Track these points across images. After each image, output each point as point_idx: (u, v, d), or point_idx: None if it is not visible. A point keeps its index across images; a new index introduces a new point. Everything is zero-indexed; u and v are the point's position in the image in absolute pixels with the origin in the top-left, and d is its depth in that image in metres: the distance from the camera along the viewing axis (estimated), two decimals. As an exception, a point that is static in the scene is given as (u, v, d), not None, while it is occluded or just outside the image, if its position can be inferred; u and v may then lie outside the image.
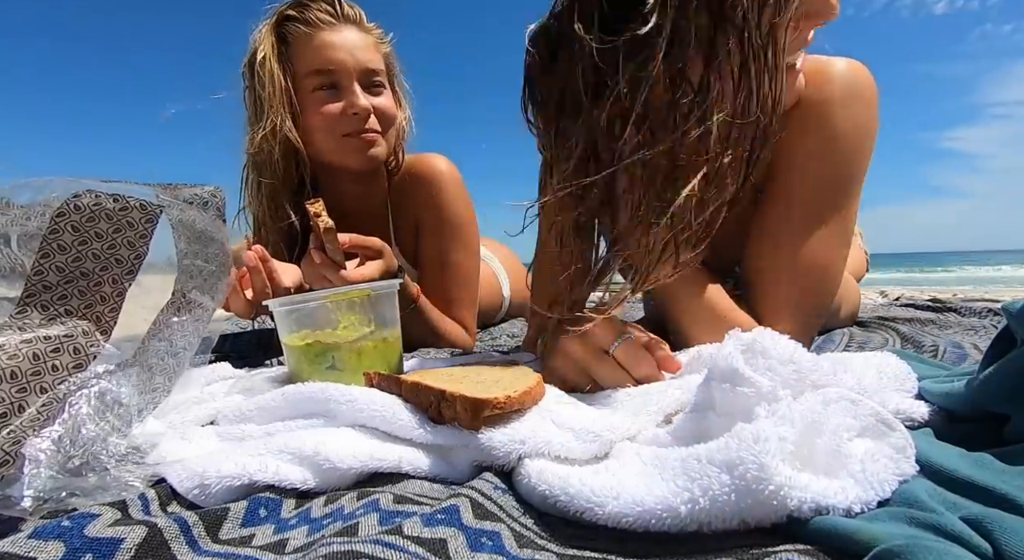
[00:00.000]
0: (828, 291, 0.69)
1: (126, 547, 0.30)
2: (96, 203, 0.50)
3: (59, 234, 0.48)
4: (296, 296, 0.62)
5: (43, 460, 0.38)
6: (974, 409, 0.41)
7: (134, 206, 0.51)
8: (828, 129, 0.67)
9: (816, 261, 0.66)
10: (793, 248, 0.67)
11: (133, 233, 0.51)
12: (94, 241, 0.49)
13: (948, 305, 1.43)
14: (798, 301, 0.67)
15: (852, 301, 1.21)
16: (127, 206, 0.51)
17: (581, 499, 0.33)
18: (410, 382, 0.47)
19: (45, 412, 0.41)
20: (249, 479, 0.38)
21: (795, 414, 0.35)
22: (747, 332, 0.43)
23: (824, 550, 0.29)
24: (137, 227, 0.51)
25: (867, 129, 0.68)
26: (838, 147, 0.67)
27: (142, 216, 0.51)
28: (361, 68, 0.95)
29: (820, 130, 0.67)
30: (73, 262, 0.48)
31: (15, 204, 0.48)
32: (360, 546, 0.28)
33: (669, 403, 0.47)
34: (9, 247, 0.47)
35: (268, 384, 0.61)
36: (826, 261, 0.67)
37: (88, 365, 0.45)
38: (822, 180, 0.67)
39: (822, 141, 0.67)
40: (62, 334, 0.45)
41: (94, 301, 0.49)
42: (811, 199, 0.67)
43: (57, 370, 0.44)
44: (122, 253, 0.50)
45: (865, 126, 0.68)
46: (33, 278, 0.47)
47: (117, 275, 0.50)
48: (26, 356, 0.43)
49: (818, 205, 0.67)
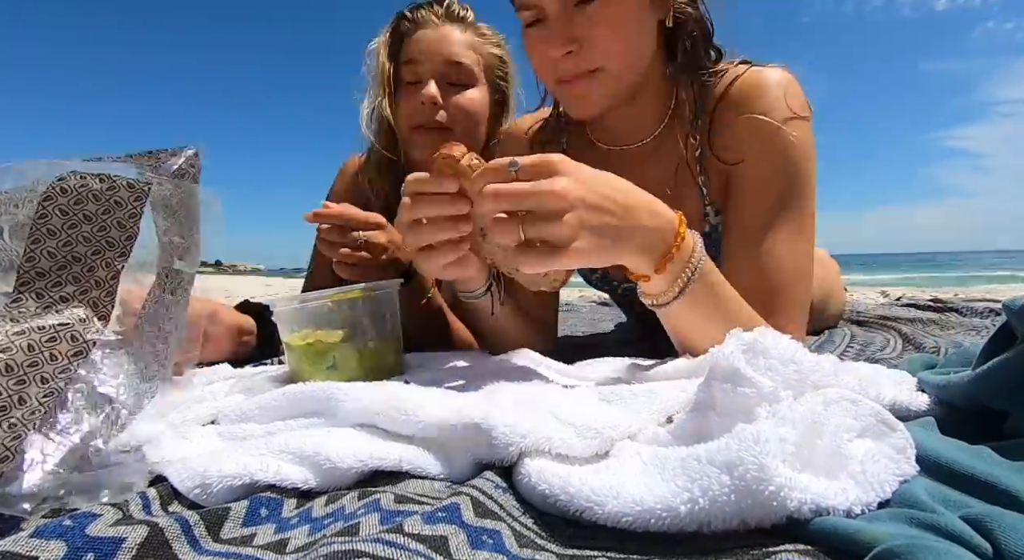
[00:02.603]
0: (803, 287, 0.72)
1: (127, 546, 0.30)
2: (82, 185, 0.48)
3: (48, 218, 0.47)
4: (297, 295, 0.62)
5: (43, 457, 0.38)
6: (972, 403, 0.42)
7: (121, 185, 0.49)
8: (773, 139, 0.71)
9: (784, 262, 0.69)
10: (760, 252, 0.70)
11: (123, 213, 0.49)
12: (84, 224, 0.48)
13: (949, 305, 1.43)
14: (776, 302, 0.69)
15: (837, 301, 1.22)
16: (114, 185, 0.49)
17: (581, 498, 0.33)
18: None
19: (46, 403, 0.40)
20: (250, 479, 0.38)
21: (796, 415, 0.35)
22: (748, 332, 0.43)
23: (824, 551, 0.29)
24: (126, 206, 0.49)
25: (808, 132, 0.72)
26: (787, 155, 0.71)
27: (130, 194, 0.49)
28: (443, 59, 0.98)
29: (765, 140, 0.71)
30: (64, 247, 0.47)
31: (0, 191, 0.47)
32: (361, 545, 0.28)
33: (672, 403, 0.47)
34: (2, 238, 0.46)
35: (269, 383, 0.61)
36: (793, 259, 0.70)
37: (88, 352, 0.45)
38: (775, 186, 0.71)
39: (769, 150, 0.71)
40: (58, 323, 0.44)
41: (89, 286, 0.47)
42: (767, 205, 0.71)
43: (56, 359, 0.43)
44: (113, 235, 0.49)
45: (806, 131, 0.72)
46: (25, 265, 0.46)
47: (110, 258, 0.48)
48: (20, 348, 0.42)
49: (775, 209, 0.71)
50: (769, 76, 0.73)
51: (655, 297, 0.59)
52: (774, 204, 0.71)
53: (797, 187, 0.71)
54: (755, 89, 0.73)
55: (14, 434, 0.39)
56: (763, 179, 0.72)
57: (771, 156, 0.71)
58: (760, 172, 0.72)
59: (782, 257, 0.70)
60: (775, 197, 0.71)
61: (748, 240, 0.71)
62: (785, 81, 0.73)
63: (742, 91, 0.74)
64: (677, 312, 0.59)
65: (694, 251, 0.56)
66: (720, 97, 0.75)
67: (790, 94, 0.72)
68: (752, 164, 0.72)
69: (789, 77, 0.74)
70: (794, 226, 0.70)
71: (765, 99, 0.72)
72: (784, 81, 0.73)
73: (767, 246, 0.70)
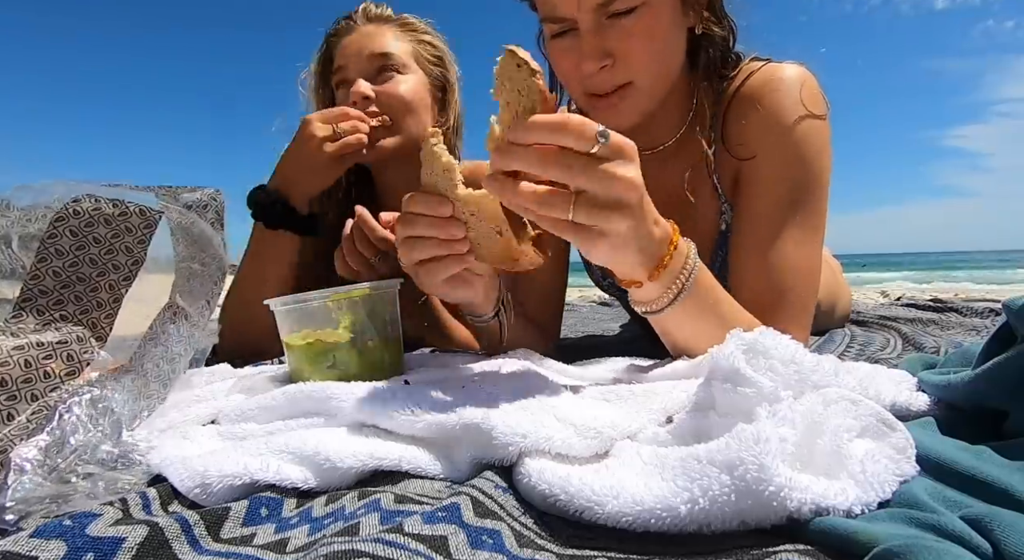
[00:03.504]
0: (809, 289, 0.71)
1: (127, 546, 0.30)
2: (96, 208, 0.49)
3: (57, 239, 0.48)
4: (297, 295, 0.62)
5: (28, 470, 0.38)
6: (972, 403, 0.42)
7: (133, 211, 0.51)
8: (787, 135, 0.70)
9: (790, 262, 0.69)
10: (769, 252, 0.69)
11: (132, 238, 0.50)
12: (92, 246, 0.49)
13: (949, 305, 1.43)
14: (781, 303, 0.68)
15: (845, 302, 1.23)
16: (126, 211, 0.51)
17: (581, 498, 0.33)
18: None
19: (35, 420, 0.41)
20: (250, 478, 0.38)
21: (796, 415, 0.35)
22: (749, 332, 0.43)
23: (824, 551, 0.29)
24: (136, 232, 0.51)
25: (822, 130, 0.71)
26: (799, 152, 0.70)
27: (141, 221, 0.51)
28: (367, 55, 0.97)
29: (780, 138, 0.70)
30: (70, 267, 0.48)
31: (15, 207, 0.48)
32: (361, 545, 0.28)
33: (672, 403, 0.47)
34: (10, 248, 0.47)
35: (269, 383, 0.61)
36: (801, 260, 0.69)
37: (81, 372, 0.45)
38: (786, 183, 0.70)
39: (781, 146, 0.70)
40: (56, 341, 0.45)
41: (90, 307, 0.48)
42: (778, 203, 0.70)
43: (49, 377, 0.44)
44: (120, 259, 0.50)
45: (820, 129, 0.71)
46: (30, 282, 0.47)
47: (114, 281, 0.50)
48: (17, 363, 0.42)
49: (786, 208, 0.70)
50: (784, 71, 0.73)
51: (647, 304, 0.58)
52: (785, 202, 0.70)
53: (809, 185, 0.70)
54: (769, 84, 0.72)
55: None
56: (775, 176, 0.71)
57: (783, 152, 0.70)
58: (772, 168, 0.71)
59: (790, 257, 0.69)
60: (786, 195, 0.70)
61: (756, 238, 0.70)
62: (801, 77, 0.72)
63: (756, 86, 0.73)
64: (669, 319, 0.58)
65: (687, 259, 0.56)
66: (735, 92, 0.75)
67: (806, 89, 0.71)
68: (764, 160, 0.71)
69: (806, 73, 0.73)
70: (805, 225, 0.69)
71: (778, 94, 0.71)
72: (800, 77, 0.72)
73: (776, 245, 0.69)
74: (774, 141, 0.71)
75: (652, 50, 0.67)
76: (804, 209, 0.70)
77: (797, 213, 0.69)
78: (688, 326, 0.59)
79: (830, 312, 1.14)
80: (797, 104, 0.70)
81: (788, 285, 0.68)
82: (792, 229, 0.69)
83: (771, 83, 0.72)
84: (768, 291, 0.68)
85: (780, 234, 0.69)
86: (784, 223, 0.69)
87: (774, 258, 0.69)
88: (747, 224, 0.72)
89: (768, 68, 0.74)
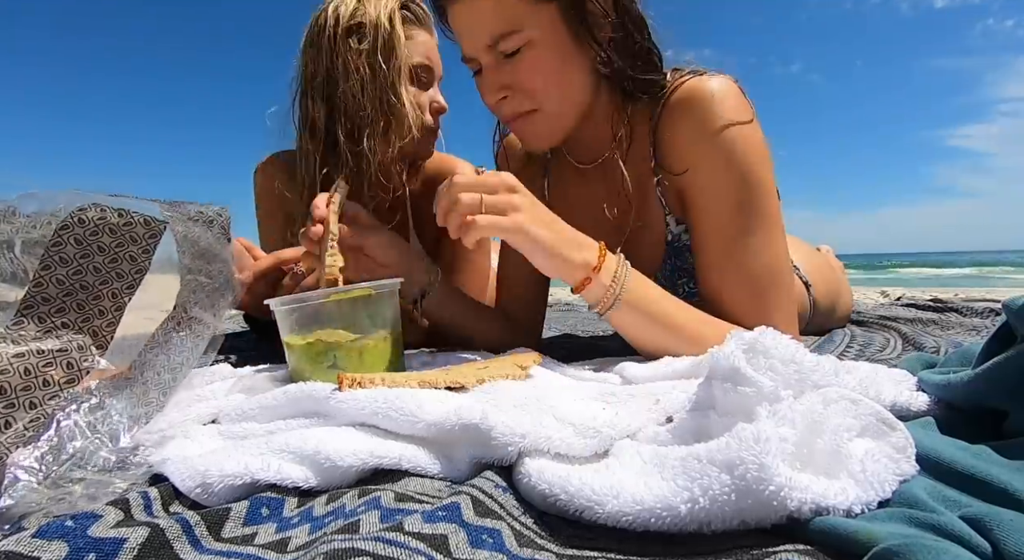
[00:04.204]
0: (787, 285, 0.74)
1: (129, 547, 0.30)
2: (101, 217, 0.50)
3: (62, 246, 0.48)
4: (297, 295, 0.62)
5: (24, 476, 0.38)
6: (972, 403, 0.42)
7: (138, 221, 0.51)
8: (716, 146, 0.72)
9: (762, 267, 0.71)
10: (740, 265, 0.71)
11: (136, 248, 0.51)
12: (96, 255, 0.49)
13: (950, 305, 1.43)
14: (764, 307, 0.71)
15: (846, 302, 1.23)
16: (131, 221, 0.51)
17: (581, 498, 0.33)
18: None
19: (32, 428, 0.41)
20: (251, 478, 0.38)
21: (796, 414, 0.35)
22: (748, 331, 0.43)
23: (824, 550, 0.29)
24: (140, 242, 0.51)
25: (751, 134, 0.73)
26: (731, 159, 0.72)
27: (146, 231, 0.51)
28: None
29: (710, 149, 0.72)
30: (74, 275, 0.48)
31: (21, 214, 0.48)
32: (362, 543, 0.28)
33: (672, 403, 0.47)
34: (13, 252, 0.47)
35: (269, 383, 0.62)
36: (767, 263, 0.71)
37: (80, 380, 0.45)
38: (729, 193, 0.72)
39: (712, 156, 0.72)
40: (56, 348, 0.45)
41: (92, 315, 0.48)
42: (728, 214, 0.72)
43: (48, 385, 0.44)
44: (123, 267, 0.50)
45: (748, 133, 0.73)
46: (32, 290, 0.47)
47: (117, 289, 0.50)
48: (17, 370, 0.42)
49: (737, 217, 0.72)
50: (705, 84, 0.74)
51: (593, 307, 0.67)
52: (734, 211, 0.72)
53: (752, 190, 0.72)
54: (690, 99, 0.74)
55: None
56: (715, 187, 0.73)
57: (715, 162, 0.72)
58: (711, 180, 0.73)
59: (761, 262, 0.71)
60: (733, 204, 0.72)
61: (719, 255, 0.72)
62: (722, 87, 0.74)
63: (679, 101, 0.76)
64: (614, 321, 0.68)
65: (616, 274, 0.65)
66: (662, 108, 0.77)
67: (728, 98, 0.73)
68: (701, 173, 0.74)
69: (727, 82, 0.75)
70: (760, 229, 0.71)
71: (701, 106, 0.73)
72: (721, 87, 0.74)
73: (739, 257, 0.71)
74: (704, 152, 0.73)
75: (545, 82, 0.73)
76: (756, 213, 0.71)
77: (750, 218, 0.71)
78: (631, 329, 0.68)
79: (830, 312, 1.14)
80: (720, 114, 0.72)
81: (767, 289, 0.71)
82: (752, 235, 0.71)
83: (691, 98, 0.74)
84: (750, 299, 0.71)
85: (744, 243, 0.71)
86: (742, 231, 0.71)
87: (747, 268, 0.71)
88: (708, 241, 0.74)
89: (691, 82, 0.76)
